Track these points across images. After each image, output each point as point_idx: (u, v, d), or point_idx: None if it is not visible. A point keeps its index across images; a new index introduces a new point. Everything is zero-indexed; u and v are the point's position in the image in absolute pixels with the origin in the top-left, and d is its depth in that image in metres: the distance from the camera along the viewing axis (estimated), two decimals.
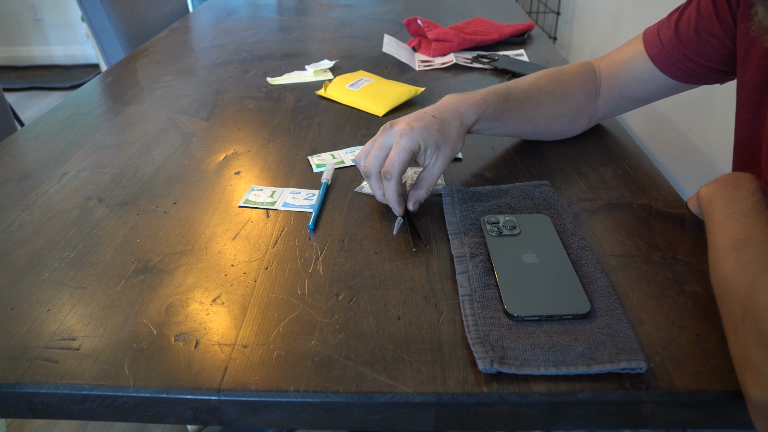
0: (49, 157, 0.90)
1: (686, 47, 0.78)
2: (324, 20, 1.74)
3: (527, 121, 0.84)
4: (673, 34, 0.79)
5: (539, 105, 0.84)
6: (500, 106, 0.79)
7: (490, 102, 0.78)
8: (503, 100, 0.80)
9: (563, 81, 0.87)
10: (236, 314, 0.57)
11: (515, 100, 0.81)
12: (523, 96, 0.83)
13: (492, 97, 0.79)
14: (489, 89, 0.80)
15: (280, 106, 1.08)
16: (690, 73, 0.80)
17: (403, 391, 0.49)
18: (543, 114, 0.85)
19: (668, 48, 0.80)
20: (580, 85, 0.87)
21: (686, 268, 0.62)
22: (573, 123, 0.89)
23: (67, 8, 3.92)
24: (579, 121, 0.90)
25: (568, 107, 0.87)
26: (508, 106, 0.81)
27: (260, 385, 0.50)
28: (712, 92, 1.42)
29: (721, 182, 0.64)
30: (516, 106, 0.82)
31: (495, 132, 0.84)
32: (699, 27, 0.76)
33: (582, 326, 0.54)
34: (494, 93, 0.79)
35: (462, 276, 0.60)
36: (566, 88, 0.86)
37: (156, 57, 1.39)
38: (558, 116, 0.87)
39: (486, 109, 0.78)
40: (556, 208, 0.72)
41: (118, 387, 0.50)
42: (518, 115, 0.82)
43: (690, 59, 0.78)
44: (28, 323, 0.57)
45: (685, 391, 0.49)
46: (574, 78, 0.87)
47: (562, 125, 0.89)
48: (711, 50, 0.76)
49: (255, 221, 0.72)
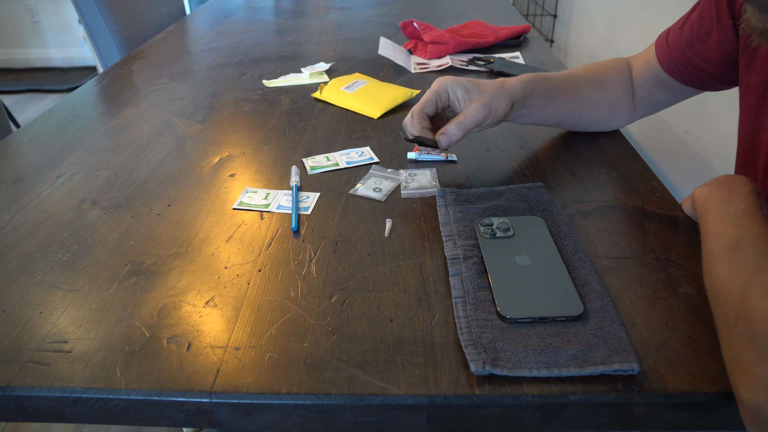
0: (44, 159, 0.90)
1: (690, 50, 0.79)
2: (321, 23, 1.74)
3: (573, 103, 0.86)
4: (678, 37, 0.81)
5: (580, 89, 0.86)
6: (545, 85, 0.82)
7: (532, 78, 0.81)
8: (545, 79, 0.83)
9: (599, 70, 0.89)
10: (229, 316, 0.57)
11: (557, 83, 0.84)
12: (564, 80, 0.85)
13: (532, 76, 0.82)
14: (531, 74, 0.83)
15: (275, 109, 1.08)
16: (693, 78, 0.81)
17: (395, 393, 0.49)
18: (586, 98, 0.87)
19: (674, 51, 0.82)
20: (617, 75, 0.89)
21: (680, 270, 0.62)
22: (613, 112, 0.91)
23: (64, 11, 3.93)
24: (619, 112, 0.91)
25: (607, 94, 0.89)
26: (552, 84, 0.83)
27: (252, 387, 0.49)
28: (709, 95, 1.42)
29: (716, 184, 0.64)
30: (560, 88, 0.84)
31: (540, 116, 0.85)
32: (701, 31, 0.78)
33: (575, 328, 0.54)
34: (532, 76, 0.82)
35: (455, 278, 0.60)
36: (603, 76, 0.89)
37: (152, 59, 1.39)
38: (599, 102, 0.89)
39: (529, 83, 0.81)
40: (550, 210, 0.72)
41: (109, 390, 0.50)
42: (564, 96, 0.85)
43: (692, 63, 0.80)
44: (20, 326, 0.57)
45: (678, 393, 0.49)
46: (611, 69, 0.90)
47: (604, 112, 0.90)
48: (712, 54, 0.77)
49: (249, 223, 0.72)
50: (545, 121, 0.87)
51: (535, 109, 0.84)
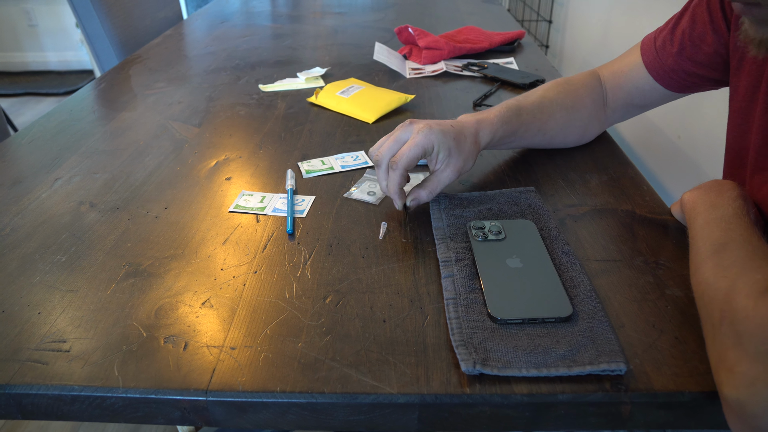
0: (42, 162, 0.91)
1: (681, 55, 0.80)
2: (317, 28, 1.76)
3: (542, 133, 0.87)
4: (668, 42, 0.81)
5: (552, 116, 0.86)
6: (514, 121, 0.82)
7: (504, 118, 0.81)
8: (516, 114, 0.83)
9: (571, 91, 0.89)
10: (225, 317, 0.58)
11: (528, 113, 0.84)
12: (535, 108, 0.85)
13: (505, 113, 0.81)
14: (502, 105, 0.83)
15: (271, 113, 1.09)
16: (682, 83, 0.82)
17: (387, 392, 0.50)
18: (556, 124, 0.87)
19: (663, 57, 0.82)
20: (588, 95, 0.90)
21: (668, 273, 0.64)
22: (585, 131, 0.92)
23: (62, 14, 3.93)
24: (591, 129, 0.92)
25: (579, 117, 0.89)
26: (521, 120, 0.83)
27: (247, 386, 0.50)
28: (701, 101, 1.44)
29: (704, 188, 0.66)
30: (529, 119, 0.84)
31: (510, 146, 0.87)
32: (693, 35, 0.78)
33: (564, 329, 0.55)
34: (507, 108, 0.82)
35: (447, 280, 0.61)
36: (575, 98, 0.89)
37: (149, 64, 1.40)
38: (570, 126, 0.89)
39: (501, 126, 0.80)
40: (541, 214, 0.73)
41: (107, 388, 0.51)
42: (533, 127, 0.85)
43: (684, 68, 0.80)
44: (19, 326, 0.57)
45: (664, 392, 0.50)
46: (582, 88, 0.90)
47: (576, 134, 0.91)
48: (705, 58, 0.78)
49: (245, 226, 0.73)
50: (516, 147, 0.90)
51: (506, 144, 0.85)
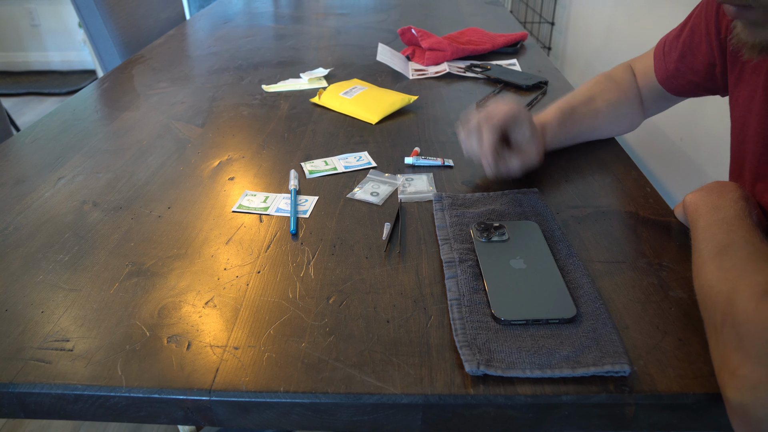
0: (45, 161, 0.91)
1: (682, 63, 0.83)
2: (320, 29, 1.76)
3: (592, 128, 0.92)
4: (673, 49, 0.84)
5: (599, 112, 0.91)
6: (568, 122, 0.89)
7: (560, 120, 0.88)
8: (569, 116, 0.89)
9: (614, 87, 0.93)
10: (228, 317, 0.58)
11: (579, 114, 0.90)
12: (585, 107, 0.90)
13: (560, 116, 0.88)
14: (554, 108, 0.89)
15: (274, 113, 1.09)
16: (682, 88, 0.85)
17: (391, 392, 0.50)
18: (605, 120, 0.92)
19: (668, 63, 0.85)
20: (630, 89, 0.93)
21: (671, 275, 0.64)
22: (631, 123, 0.96)
23: (65, 14, 3.94)
24: (635, 120, 0.96)
25: (623, 110, 0.93)
26: (574, 120, 0.89)
27: (251, 386, 0.50)
28: (703, 103, 1.44)
29: (707, 190, 0.66)
30: (580, 118, 0.90)
31: (564, 145, 0.91)
32: (692, 44, 0.81)
33: (568, 330, 0.55)
34: (560, 111, 0.89)
35: (451, 281, 0.61)
36: (619, 93, 0.93)
37: (152, 64, 1.41)
38: (616, 119, 0.94)
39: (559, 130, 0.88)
40: (544, 215, 0.73)
41: (110, 387, 0.50)
42: (585, 126, 0.91)
43: (683, 75, 0.83)
44: (22, 324, 0.57)
45: (667, 394, 0.50)
46: (623, 83, 0.94)
47: (621, 127, 0.96)
48: (701, 66, 0.80)
49: (248, 226, 0.73)
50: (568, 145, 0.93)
51: (561, 144, 0.91)
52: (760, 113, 0.66)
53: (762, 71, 0.67)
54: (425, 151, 0.93)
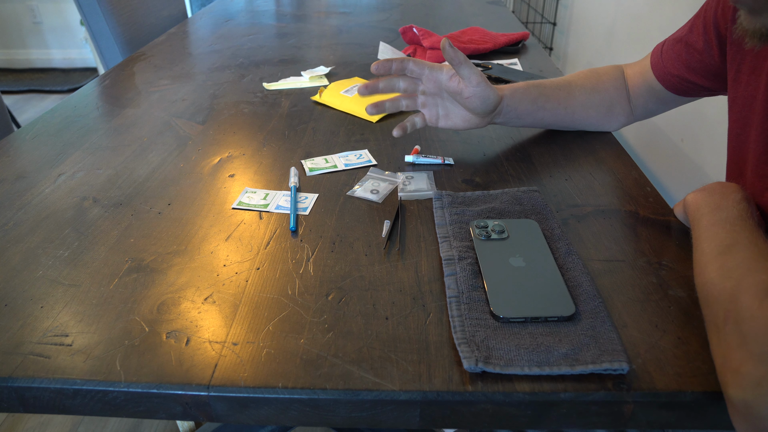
0: (46, 157, 0.91)
1: (679, 62, 0.83)
2: (321, 27, 1.76)
3: (563, 108, 0.91)
4: (672, 49, 0.85)
5: (571, 94, 0.91)
6: (534, 91, 0.88)
7: (528, 84, 0.87)
8: (537, 86, 0.89)
9: (593, 76, 0.94)
10: (227, 313, 0.58)
11: (547, 90, 0.89)
12: (555, 86, 0.90)
13: (525, 84, 0.88)
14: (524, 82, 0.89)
15: (275, 111, 1.09)
16: (682, 88, 0.85)
17: (389, 389, 0.50)
18: (577, 102, 0.92)
19: (667, 62, 0.86)
20: (611, 81, 0.93)
21: (670, 274, 0.64)
22: (608, 114, 0.94)
23: (66, 12, 3.94)
24: (615, 114, 0.95)
25: (600, 98, 0.93)
26: (542, 92, 0.89)
27: (249, 381, 0.50)
28: (704, 105, 1.44)
29: (708, 190, 0.66)
30: (550, 93, 0.90)
31: (535, 118, 0.91)
32: (690, 43, 0.81)
33: (566, 328, 0.55)
34: (526, 83, 0.89)
35: (450, 278, 0.61)
36: (597, 82, 0.93)
37: (153, 61, 1.41)
38: (591, 105, 0.93)
39: (524, 89, 0.87)
40: (544, 214, 0.73)
41: (109, 382, 0.51)
42: (553, 101, 0.90)
43: (681, 74, 0.84)
44: (22, 319, 0.58)
45: (666, 392, 0.50)
46: (604, 75, 0.94)
47: (598, 114, 0.94)
48: (699, 66, 0.81)
49: (248, 223, 0.73)
50: (537, 122, 0.93)
51: (525, 114, 0.89)
52: (762, 114, 0.66)
53: (763, 71, 0.67)
54: (425, 150, 0.93)
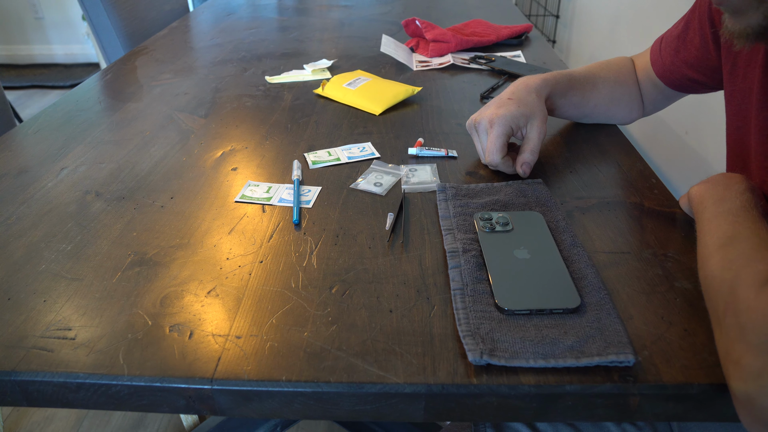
0: (48, 152, 0.91)
1: (677, 57, 0.84)
2: (323, 20, 1.75)
3: (588, 101, 0.91)
4: (670, 44, 0.85)
5: (596, 87, 0.91)
6: (565, 84, 0.87)
7: (557, 77, 0.86)
8: (567, 79, 0.88)
9: (613, 68, 0.94)
10: (230, 306, 0.58)
11: (577, 81, 0.89)
12: (583, 78, 0.90)
13: (557, 74, 0.87)
14: (553, 74, 0.88)
15: (277, 104, 1.09)
16: (679, 83, 0.86)
17: (393, 381, 0.49)
18: (602, 96, 0.92)
19: (665, 57, 0.86)
20: (629, 74, 0.94)
21: (676, 265, 0.63)
22: (630, 108, 0.95)
23: (68, 7, 3.93)
24: (633, 108, 0.95)
25: (623, 91, 0.93)
26: (572, 84, 0.88)
27: (253, 374, 0.50)
28: (708, 97, 1.43)
29: (712, 182, 0.65)
30: (578, 86, 0.89)
31: (566, 111, 0.91)
32: (687, 38, 0.81)
33: (572, 320, 0.55)
34: (558, 73, 0.88)
35: (454, 270, 0.61)
36: (618, 74, 0.93)
37: (155, 55, 1.40)
38: (616, 99, 0.93)
39: (555, 84, 0.86)
40: (548, 206, 0.72)
41: (112, 376, 0.50)
42: (579, 94, 0.90)
43: (679, 69, 0.84)
44: (25, 313, 0.57)
45: (672, 384, 0.49)
46: (623, 67, 0.94)
47: (621, 109, 0.95)
48: (696, 61, 0.81)
49: (251, 216, 0.73)
50: (564, 115, 0.93)
51: (562, 108, 0.90)
52: (758, 107, 0.66)
53: (757, 64, 0.66)
54: (429, 142, 0.92)
